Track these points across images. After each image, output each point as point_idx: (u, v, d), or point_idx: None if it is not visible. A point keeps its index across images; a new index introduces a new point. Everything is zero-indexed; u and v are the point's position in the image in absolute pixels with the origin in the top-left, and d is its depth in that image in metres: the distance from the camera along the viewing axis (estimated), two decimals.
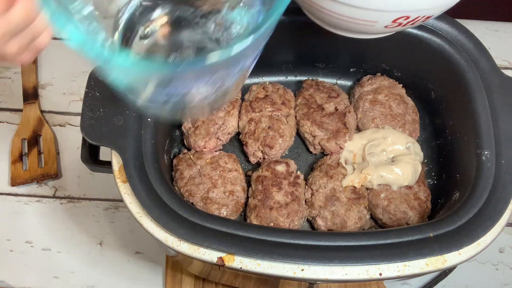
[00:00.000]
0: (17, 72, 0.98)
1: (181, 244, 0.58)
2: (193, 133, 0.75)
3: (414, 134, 0.77)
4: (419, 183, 0.72)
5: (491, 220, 0.59)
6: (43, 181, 0.89)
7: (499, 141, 0.64)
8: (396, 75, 0.81)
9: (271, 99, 0.77)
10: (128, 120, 0.63)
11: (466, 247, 0.58)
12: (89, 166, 0.68)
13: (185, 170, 0.72)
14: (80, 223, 0.86)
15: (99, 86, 0.65)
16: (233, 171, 0.73)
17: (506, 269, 0.85)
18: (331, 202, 0.70)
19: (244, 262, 0.57)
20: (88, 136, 0.62)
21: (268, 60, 0.82)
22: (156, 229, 0.59)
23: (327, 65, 0.83)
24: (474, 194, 0.61)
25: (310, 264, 0.56)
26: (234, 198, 0.71)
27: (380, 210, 0.71)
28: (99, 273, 0.83)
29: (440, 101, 0.77)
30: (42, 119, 0.93)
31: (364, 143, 0.75)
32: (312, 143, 0.77)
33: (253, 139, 0.75)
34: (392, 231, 0.59)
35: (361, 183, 0.72)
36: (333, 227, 0.70)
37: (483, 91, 0.67)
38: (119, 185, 0.61)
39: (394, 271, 0.56)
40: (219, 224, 0.58)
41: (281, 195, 0.70)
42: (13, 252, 0.83)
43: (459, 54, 0.70)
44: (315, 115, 0.76)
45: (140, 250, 0.84)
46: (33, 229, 0.85)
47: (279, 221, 0.68)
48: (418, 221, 0.70)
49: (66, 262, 0.83)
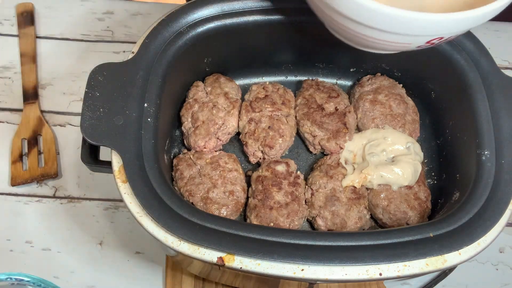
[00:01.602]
0: (17, 72, 0.98)
1: (181, 244, 0.58)
2: (193, 133, 0.75)
3: (414, 134, 0.77)
4: (419, 183, 0.72)
5: (491, 220, 0.59)
6: (43, 181, 0.89)
7: (499, 141, 0.64)
8: (396, 75, 0.81)
9: (271, 99, 0.77)
10: (128, 120, 0.63)
11: (466, 247, 0.58)
12: (89, 166, 0.68)
13: (185, 170, 0.72)
14: (80, 223, 0.86)
15: (99, 86, 0.65)
16: (233, 171, 0.73)
17: (506, 269, 0.85)
18: (331, 202, 0.70)
19: (244, 262, 0.57)
20: (88, 136, 0.62)
21: (268, 60, 0.82)
22: (156, 229, 0.59)
23: (327, 65, 0.83)
24: (474, 194, 0.61)
25: (310, 264, 0.56)
26: (234, 198, 0.71)
27: (380, 210, 0.71)
28: (99, 273, 0.83)
29: (440, 101, 0.77)
30: (42, 119, 0.93)
31: (364, 143, 0.75)
32: (312, 143, 0.77)
33: (253, 139, 0.75)
34: (392, 231, 0.59)
35: (361, 183, 0.72)
36: (333, 227, 0.70)
37: (483, 91, 0.67)
38: (119, 185, 0.61)
39: (394, 271, 0.56)
40: (219, 224, 0.58)
41: (281, 195, 0.70)
42: (13, 252, 0.83)
43: (459, 54, 0.70)
44: (315, 115, 0.76)
45: (140, 250, 0.84)
46: (33, 229, 0.85)
47: (279, 221, 0.68)
48: (418, 221, 0.70)
49: (66, 262, 0.83)
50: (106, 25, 1.04)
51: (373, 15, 0.50)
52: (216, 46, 0.75)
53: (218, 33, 0.72)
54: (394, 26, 0.51)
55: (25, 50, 1.00)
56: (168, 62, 0.69)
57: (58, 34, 1.03)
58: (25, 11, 1.04)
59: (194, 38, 0.71)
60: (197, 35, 0.71)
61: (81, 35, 1.03)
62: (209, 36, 0.72)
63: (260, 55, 0.81)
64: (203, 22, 0.71)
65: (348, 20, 0.54)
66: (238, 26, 0.72)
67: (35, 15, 1.04)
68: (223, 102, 0.77)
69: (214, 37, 0.72)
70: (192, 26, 0.71)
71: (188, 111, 0.76)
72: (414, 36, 0.54)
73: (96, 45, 1.02)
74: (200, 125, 0.75)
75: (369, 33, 0.54)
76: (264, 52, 0.80)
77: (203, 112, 0.75)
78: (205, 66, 0.80)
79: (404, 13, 0.49)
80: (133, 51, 0.68)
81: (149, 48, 0.68)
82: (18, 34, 1.01)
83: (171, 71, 0.69)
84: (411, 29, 0.52)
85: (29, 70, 0.97)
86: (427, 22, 0.50)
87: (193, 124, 0.75)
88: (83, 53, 1.01)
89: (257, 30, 0.74)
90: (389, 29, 0.52)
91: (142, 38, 0.69)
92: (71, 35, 1.03)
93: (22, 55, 0.99)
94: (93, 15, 1.05)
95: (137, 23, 1.05)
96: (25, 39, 1.01)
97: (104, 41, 1.03)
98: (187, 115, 0.76)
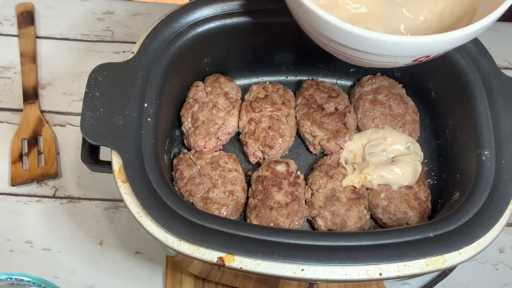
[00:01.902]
0: (17, 72, 0.98)
1: (181, 244, 0.58)
2: (193, 133, 0.75)
3: (414, 134, 0.77)
4: (419, 183, 0.72)
5: (491, 220, 0.59)
6: (43, 181, 0.89)
7: (499, 141, 0.64)
8: (396, 75, 0.81)
9: (271, 99, 0.77)
10: (128, 120, 0.63)
11: (466, 247, 0.58)
12: (89, 166, 0.68)
13: (185, 170, 0.72)
14: (80, 223, 0.86)
15: (99, 86, 0.65)
16: (233, 171, 0.73)
17: (506, 269, 0.85)
18: (331, 202, 0.70)
19: (244, 262, 0.57)
20: (88, 136, 0.62)
21: (268, 60, 0.82)
22: (156, 229, 0.59)
23: (327, 65, 0.83)
24: (474, 194, 0.61)
25: (310, 264, 0.56)
26: (234, 198, 0.71)
27: (380, 210, 0.71)
28: (99, 273, 0.83)
29: (440, 101, 0.77)
30: (42, 119, 0.93)
31: (364, 143, 0.75)
32: (312, 143, 0.77)
33: (253, 139, 0.75)
34: (392, 231, 0.59)
35: (361, 183, 0.72)
36: (333, 227, 0.70)
37: (483, 91, 0.67)
38: (119, 185, 0.61)
39: (394, 271, 0.56)
40: (219, 224, 0.58)
41: (281, 195, 0.70)
42: (13, 252, 0.83)
43: (459, 54, 0.70)
44: (315, 115, 0.76)
45: (140, 250, 0.84)
46: (33, 229, 0.85)
47: (279, 221, 0.68)
48: (418, 221, 0.70)
49: (66, 262, 0.83)
50: (106, 25, 1.04)
51: (358, 39, 0.51)
52: (216, 46, 0.75)
53: (218, 33, 0.72)
54: (379, 49, 0.52)
55: (25, 50, 1.00)
56: (168, 62, 0.69)
57: (58, 34, 1.03)
58: (25, 11, 1.04)
59: (194, 38, 0.71)
60: (197, 35, 0.71)
61: (81, 35, 1.03)
62: (209, 36, 0.72)
63: (260, 55, 0.81)
64: (203, 22, 0.71)
65: (335, 43, 0.55)
66: (238, 26, 0.72)
67: (35, 15, 1.04)
68: (223, 102, 0.77)
69: (214, 37, 0.72)
70: (192, 26, 0.71)
71: (188, 111, 0.76)
72: (401, 57, 0.55)
73: (96, 45, 1.02)
74: (200, 125, 0.75)
75: (353, 53, 0.55)
76: (264, 52, 0.80)
77: (203, 112, 0.75)
78: (205, 66, 0.80)
79: (390, 37, 0.49)
80: (133, 51, 0.68)
81: (149, 48, 0.68)
82: (18, 34, 1.01)
83: (171, 71, 0.69)
84: (397, 51, 0.52)
85: (29, 70, 0.97)
86: (412, 45, 0.51)
87: (193, 124, 0.75)
88: (83, 53, 1.01)
89: (257, 30, 0.74)
90: (376, 52, 0.53)
91: (142, 38, 0.69)
92: (71, 35, 1.03)
93: (22, 55, 0.99)
94: (93, 15, 1.05)
95: (137, 23, 1.05)
96: (25, 39, 1.01)
97: (104, 41, 1.03)
98: (187, 115, 0.76)
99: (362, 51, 0.53)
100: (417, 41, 0.50)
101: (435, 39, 0.49)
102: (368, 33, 0.49)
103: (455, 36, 0.50)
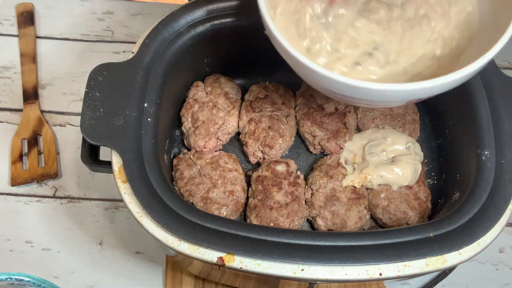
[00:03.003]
0: (17, 72, 0.98)
1: (181, 244, 0.58)
2: (193, 133, 0.75)
3: (414, 134, 0.77)
4: (419, 183, 0.72)
5: (491, 220, 0.59)
6: (43, 181, 0.89)
7: (499, 141, 0.64)
8: None
9: (271, 99, 0.77)
10: (128, 120, 0.63)
11: (466, 247, 0.58)
12: (89, 166, 0.68)
13: (185, 170, 0.72)
14: (80, 223, 0.86)
15: (99, 86, 0.65)
16: (233, 171, 0.73)
17: (506, 269, 0.85)
18: (331, 202, 0.70)
19: (244, 262, 0.57)
20: (88, 136, 0.62)
21: (268, 60, 0.82)
22: (156, 229, 0.58)
23: None
24: (474, 194, 0.61)
25: (310, 264, 0.56)
26: (234, 198, 0.71)
27: (380, 210, 0.71)
28: (99, 273, 0.83)
29: (440, 101, 0.77)
30: (42, 119, 0.93)
31: (364, 143, 0.75)
32: (312, 143, 0.77)
33: (253, 139, 0.75)
34: (392, 231, 0.59)
35: (361, 183, 0.72)
36: (333, 227, 0.70)
37: (483, 91, 0.67)
38: (119, 185, 0.61)
39: (394, 271, 0.56)
40: (219, 224, 0.58)
41: (281, 195, 0.70)
42: (13, 252, 0.83)
43: None
44: (315, 115, 0.76)
45: (140, 250, 0.84)
46: (33, 229, 0.85)
47: (279, 221, 0.68)
48: (418, 221, 0.70)
49: (66, 262, 0.83)
50: (106, 25, 1.04)
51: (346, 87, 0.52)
52: (216, 46, 0.75)
53: (218, 33, 0.72)
54: (372, 96, 0.53)
55: (25, 50, 1.00)
56: (168, 62, 0.69)
57: (58, 34, 1.03)
58: (25, 11, 1.04)
59: (194, 38, 0.71)
60: (197, 35, 0.71)
61: (81, 35, 1.03)
62: (209, 36, 0.72)
63: (260, 55, 0.81)
64: (204, 22, 0.71)
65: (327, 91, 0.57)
66: (238, 26, 0.72)
67: (35, 15, 1.04)
68: (223, 102, 0.77)
69: (214, 37, 0.72)
70: (192, 26, 0.71)
71: (188, 111, 0.76)
72: (391, 102, 0.58)
73: (96, 45, 1.02)
74: (200, 125, 0.75)
75: (344, 98, 0.56)
76: (264, 52, 0.80)
77: (203, 112, 0.75)
78: (205, 66, 0.80)
79: (383, 86, 0.50)
80: (133, 51, 0.68)
81: (149, 48, 0.68)
82: (18, 34, 1.02)
83: (171, 71, 0.69)
84: (392, 97, 0.54)
85: (29, 70, 0.97)
86: (403, 92, 0.51)
87: (193, 124, 0.75)
88: (83, 53, 1.01)
89: (257, 30, 0.73)
90: (369, 98, 0.54)
91: (142, 38, 0.69)
92: (71, 35, 1.03)
93: (22, 55, 0.99)
94: (93, 15, 1.05)
95: (137, 23, 1.05)
96: (25, 39, 1.01)
97: (104, 41, 1.03)
98: (187, 115, 0.76)
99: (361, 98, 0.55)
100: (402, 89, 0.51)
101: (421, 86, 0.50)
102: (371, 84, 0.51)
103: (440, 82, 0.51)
